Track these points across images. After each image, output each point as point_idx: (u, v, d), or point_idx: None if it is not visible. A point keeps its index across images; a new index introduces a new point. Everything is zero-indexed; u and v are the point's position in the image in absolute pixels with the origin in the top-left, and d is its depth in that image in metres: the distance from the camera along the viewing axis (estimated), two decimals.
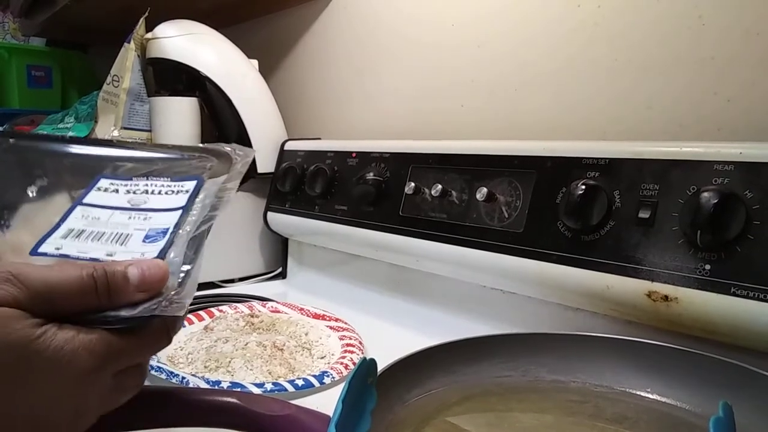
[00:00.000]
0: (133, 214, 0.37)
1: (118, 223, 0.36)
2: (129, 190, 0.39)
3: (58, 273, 0.28)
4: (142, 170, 0.41)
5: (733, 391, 0.36)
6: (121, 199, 0.38)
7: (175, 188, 0.39)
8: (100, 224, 0.35)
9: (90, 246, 0.33)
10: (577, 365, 0.44)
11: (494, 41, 0.73)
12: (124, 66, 0.89)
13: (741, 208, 0.42)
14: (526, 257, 0.54)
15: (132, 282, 0.30)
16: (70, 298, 0.28)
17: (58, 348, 0.27)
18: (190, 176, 0.40)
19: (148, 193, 0.39)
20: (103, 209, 0.37)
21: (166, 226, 0.35)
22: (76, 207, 0.37)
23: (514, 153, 0.58)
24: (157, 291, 0.30)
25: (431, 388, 0.42)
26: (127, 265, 0.30)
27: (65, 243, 0.33)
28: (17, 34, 1.68)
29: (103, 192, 0.38)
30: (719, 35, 0.53)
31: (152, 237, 0.35)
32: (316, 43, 1.02)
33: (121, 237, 0.34)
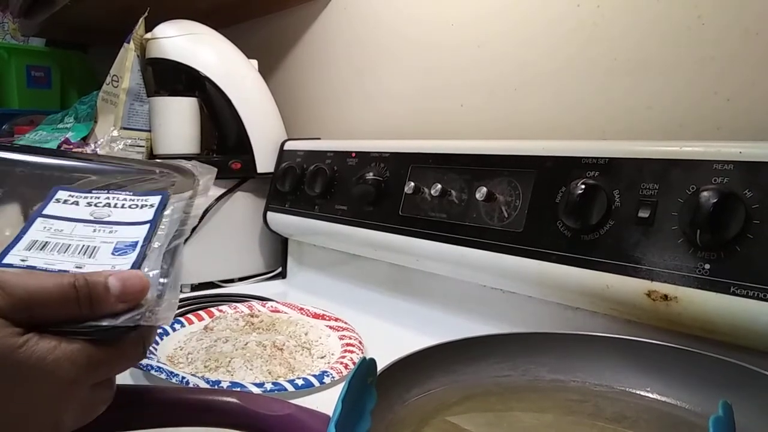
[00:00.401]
0: (97, 227, 0.36)
1: (83, 236, 0.35)
2: (90, 202, 0.38)
3: (38, 281, 0.28)
4: (100, 183, 0.40)
5: (733, 391, 0.36)
6: (83, 212, 0.37)
7: (138, 202, 0.39)
8: (63, 236, 0.34)
9: (57, 258, 0.33)
10: (576, 365, 0.44)
11: (494, 41, 0.73)
12: (124, 66, 0.88)
13: (740, 208, 0.42)
14: (525, 257, 0.54)
15: (113, 292, 0.29)
16: (51, 306, 0.28)
17: (41, 358, 0.26)
18: (154, 191, 0.40)
19: (111, 206, 0.38)
20: (65, 221, 0.36)
21: (134, 239, 0.35)
22: (36, 219, 0.36)
23: (514, 153, 0.58)
24: (137, 302, 0.30)
25: (431, 387, 0.42)
26: (107, 276, 0.30)
27: (30, 255, 0.32)
28: (17, 34, 1.68)
29: (62, 204, 0.37)
30: (719, 35, 0.53)
31: (121, 250, 0.34)
32: (316, 43, 1.02)
33: (88, 249, 0.34)
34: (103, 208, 0.38)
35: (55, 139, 1.00)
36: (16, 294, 0.27)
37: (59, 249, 0.33)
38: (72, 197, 0.38)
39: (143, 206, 0.38)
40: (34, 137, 1.06)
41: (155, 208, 0.38)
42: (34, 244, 0.33)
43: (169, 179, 0.42)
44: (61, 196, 0.38)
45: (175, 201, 0.39)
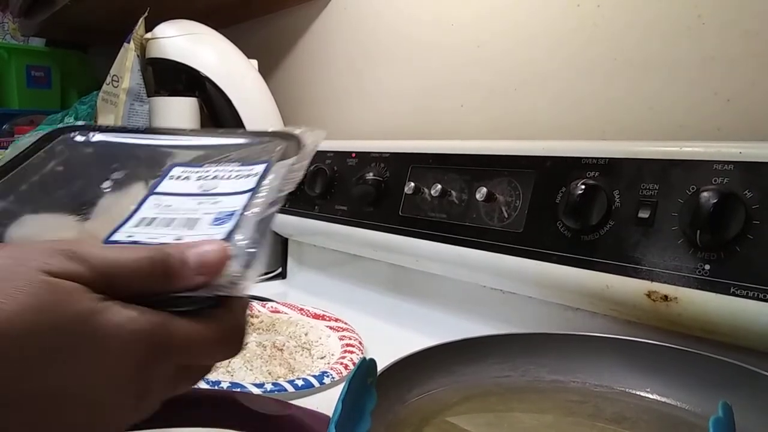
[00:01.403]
0: (203, 199, 0.37)
1: (189, 209, 0.36)
2: (200, 176, 0.39)
3: (116, 253, 0.28)
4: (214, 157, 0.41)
5: (733, 391, 0.36)
6: (192, 186, 0.38)
7: (244, 172, 0.39)
8: (170, 211, 0.35)
9: (160, 232, 0.33)
10: (576, 365, 0.44)
11: (494, 41, 0.73)
12: (124, 66, 0.88)
13: (740, 208, 0.41)
14: (525, 257, 0.54)
15: (190, 264, 0.28)
16: (129, 279, 0.27)
17: (120, 325, 0.25)
18: (259, 160, 0.40)
19: (218, 179, 0.39)
20: (174, 197, 0.37)
21: (233, 209, 0.35)
22: (150, 197, 0.37)
23: (514, 153, 0.58)
24: (216, 273, 0.28)
25: (431, 388, 0.42)
26: (186, 247, 0.29)
27: (137, 231, 0.33)
28: (17, 34, 1.68)
29: (175, 180, 0.39)
30: (719, 35, 0.53)
31: (220, 220, 0.34)
32: (316, 43, 1.02)
33: (190, 221, 0.34)
34: (211, 180, 0.38)
35: None
36: (97, 265, 0.26)
37: (164, 223, 0.34)
38: (185, 173, 0.39)
39: (248, 175, 0.38)
40: None
41: (258, 176, 0.38)
42: (143, 220, 0.34)
43: (276, 146, 0.42)
44: (175, 173, 0.39)
45: (278, 168, 0.39)
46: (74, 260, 0.26)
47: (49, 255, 0.25)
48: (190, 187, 0.38)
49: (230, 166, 0.40)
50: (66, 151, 0.42)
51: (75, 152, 0.42)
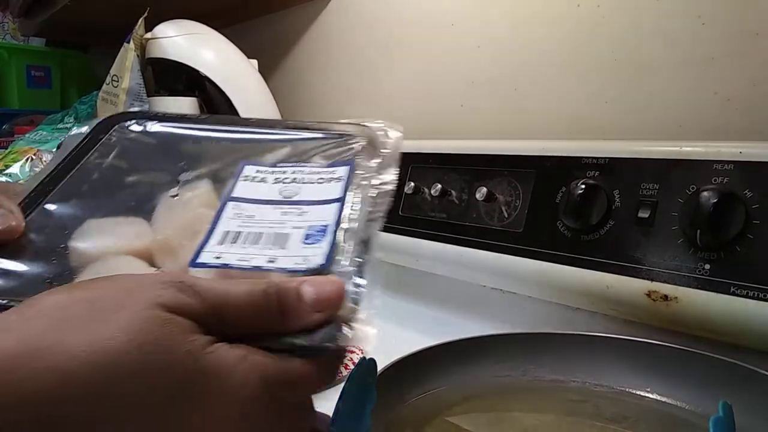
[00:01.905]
0: (286, 209, 0.34)
1: (274, 221, 0.33)
2: (278, 178, 0.36)
3: (231, 286, 0.26)
4: (285, 153, 0.38)
5: (733, 391, 0.36)
6: (272, 191, 0.35)
7: (325, 176, 0.36)
8: (254, 223, 0.33)
9: (249, 251, 0.30)
10: (576, 365, 0.44)
11: (494, 41, 0.73)
12: (124, 66, 0.88)
13: (741, 208, 0.41)
14: (525, 257, 0.54)
15: (306, 301, 0.26)
16: (242, 315, 0.26)
17: (229, 367, 0.24)
18: (339, 161, 0.37)
19: (298, 182, 0.36)
20: (254, 204, 0.34)
21: (324, 223, 0.32)
22: (227, 204, 0.34)
23: (514, 153, 0.58)
24: (334, 311, 0.27)
25: (431, 388, 0.42)
26: (300, 282, 0.27)
27: (223, 250, 0.31)
28: (17, 34, 1.68)
29: (250, 182, 0.36)
30: (719, 35, 0.53)
31: (312, 237, 0.31)
32: (316, 43, 1.02)
33: (279, 238, 0.32)
34: (290, 184, 0.35)
35: (55, 139, 1.00)
36: (209, 298, 0.25)
37: (251, 240, 0.31)
38: (259, 173, 0.36)
39: (330, 180, 0.36)
40: (34, 137, 1.06)
41: (342, 182, 0.35)
42: (227, 236, 0.32)
43: (354, 143, 0.39)
44: (249, 173, 0.36)
45: (363, 172, 0.36)
46: (186, 293, 0.25)
47: (161, 287, 0.24)
48: (270, 192, 0.35)
49: (308, 168, 0.36)
50: (124, 143, 0.39)
51: (135, 145, 0.39)
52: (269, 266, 0.29)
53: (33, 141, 1.04)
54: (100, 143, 0.39)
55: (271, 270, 0.29)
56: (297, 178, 0.36)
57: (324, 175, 0.36)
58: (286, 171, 0.36)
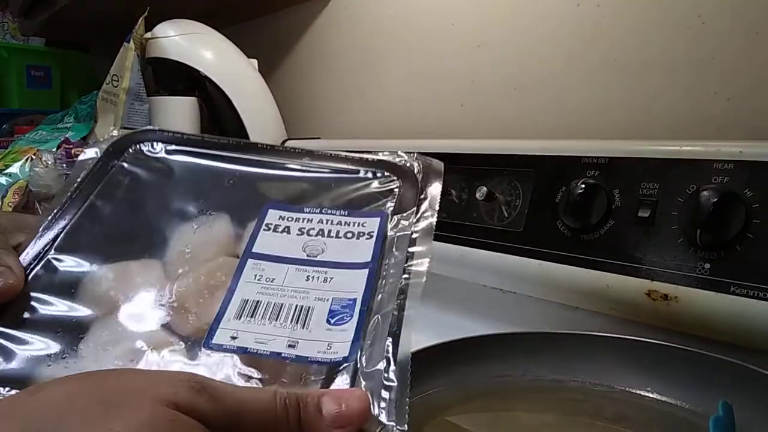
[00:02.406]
0: (311, 272, 0.31)
1: (296, 289, 0.30)
2: (302, 229, 0.33)
3: (250, 394, 0.25)
4: (311, 194, 0.35)
5: (733, 391, 0.36)
6: (295, 246, 0.32)
7: (354, 229, 0.33)
8: (275, 290, 0.30)
9: (268, 330, 0.28)
10: (576, 364, 0.43)
11: (494, 41, 0.73)
12: (124, 66, 0.88)
13: (741, 207, 0.41)
14: (525, 256, 0.54)
15: (327, 417, 0.25)
16: (258, 423, 0.24)
17: None
18: (370, 212, 0.34)
19: (324, 235, 0.33)
20: (276, 263, 0.32)
21: (351, 297, 0.30)
22: (247, 261, 0.32)
23: (514, 152, 0.58)
24: (355, 428, 0.25)
25: (431, 387, 0.42)
26: (321, 395, 0.26)
27: (240, 327, 0.29)
28: (17, 34, 1.68)
29: (272, 233, 0.33)
30: (719, 35, 0.53)
31: (338, 315, 0.29)
32: (316, 43, 1.02)
33: (301, 314, 0.29)
34: (316, 238, 0.33)
35: (55, 138, 1.00)
36: (227, 404, 0.24)
37: (270, 314, 0.29)
38: (283, 221, 0.34)
39: (360, 235, 0.33)
40: (34, 137, 1.06)
41: (373, 239, 0.32)
42: (245, 306, 0.30)
43: (389, 185, 0.36)
44: (272, 220, 0.34)
45: (397, 228, 0.32)
46: (203, 395, 0.24)
47: (178, 384, 0.23)
48: (293, 248, 0.32)
49: (336, 217, 0.34)
50: (137, 172, 0.37)
51: (149, 176, 0.37)
52: (289, 353, 0.28)
53: (33, 141, 1.04)
54: (111, 172, 0.36)
55: (290, 359, 0.28)
56: (323, 230, 0.33)
57: (353, 228, 0.33)
58: (312, 219, 0.34)
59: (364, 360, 0.27)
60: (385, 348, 0.28)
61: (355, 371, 0.27)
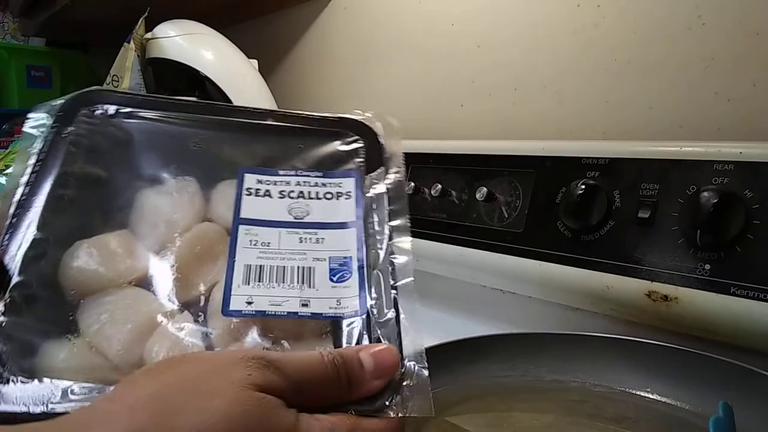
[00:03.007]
0: (302, 234, 0.32)
1: (293, 251, 0.31)
2: (283, 192, 0.34)
3: (306, 361, 0.27)
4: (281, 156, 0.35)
5: (733, 391, 0.36)
6: (280, 209, 0.33)
7: (332, 190, 0.34)
8: (273, 253, 0.31)
9: (279, 293, 0.30)
10: (576, 365, 0.44)
11: (494, 41, 0.73)
12: (124, 66, 0.88)
13: (741, 208, 0.41)
14: (525, 257, 0.54)
15: (367, 369, 0.28)
16: (317, 388, 0.27)
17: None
18: (342, 172, 0.35)
19: (306, 197, 0.34)
20: (267, 227, 0.32)
21: (346, 254, 0.31)
22: (239, 228, 0.32)
23: (514, 153, 0.58)
24: (391, 377, 0.28)
25: (431, 388, 0.41)
26: (358, 351, 0.28)
27: (251, 292, 0.30)
28: (17, 34, 1.68)
29: (254, 197, 0.34)
30: (719, 35, 0.53)
31: (338, 272, 0.31)
32: (316, 43, 1.02)
33: (305, 274, 0.30)
34: (298, 200, 0.34)
35: None
36: (290, 374, 0.26)
37: (276, 277, 0.30)
38: (261, 185, 0.34)
39: (338, 195, 0.34)
40: None
41: (353, 199, 0.34)
42: (249, 271, 0.30)
43: (352, 143, 0.36)
44: (251, 184, 0.34)
45: (372, 185, 0.34)
46: (270, 369, 0.25)
47: (247, 365, 0.25)
48: (279, 211, 0.33)
49: (312, 178, 0.35)
50: (95, 138, 0.35)
51: (107, 142, 0.35)
52: (305, 312, 0.29)
53: None
54: (67, 139, 0.34)
55: (308, 317, 0.29)
56: (303, 192, 0.34)
57: (330, 189, 0.34)
58: (290, 182, 0.35)
59: (375, 311, 0.30)
60: (391, 298, 0.30)
61: (369, 322, 0.30)
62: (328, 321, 0.30)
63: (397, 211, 0.34)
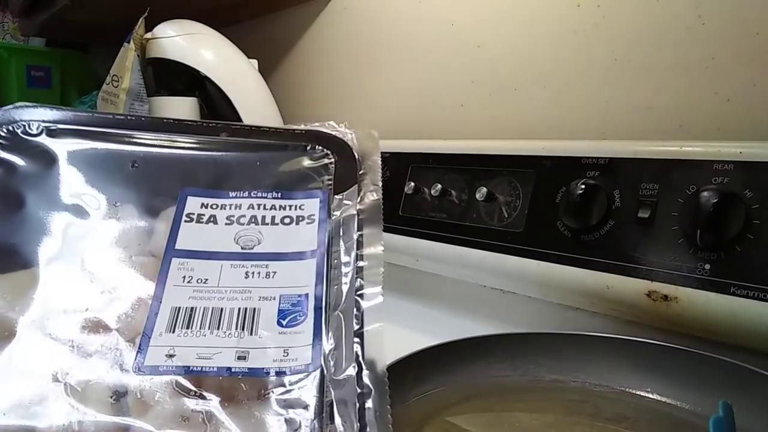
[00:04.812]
0: (249, 268, 0.26)
1: (235, 289, 0.26)
2: (230, 217, 0.28)
3: None
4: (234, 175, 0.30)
5: (733, 391, 0.36)
6: (225, 237, 0.27)
7: (292, 213, 0.29)
8: (211, 294, 0.25)
9: (210, 342, 0.24)
10: (576, 365, 0.44)
11: (494, 41, 0.73)
12: (124, 66, 0.88)
13: (741, 208, 0.41)
14: (525, 257, 0.54)
15: None
16: None
17: None
18: (307, 191, 0.30)
19: (259, 223, 0.28)
20: (207, 261, 0.26)
21: (301, 292, 0.25)
22: (171, 261, 0.26)
23: (514, 153, 0.58)
24: None
25: (431, 388, 0.42)
26: None
27: (176, 342, 0.24)
28: (17, 34, 1.68)
29: (195, 224, 0.28)
30: (719, 35, 0.53)
31: (289, 315, 0.25)
32: (316, 43, 1.02)
33: (246, 318, 0.25)
34: (249, 226, 0.28)
35: None
36: None
37: (210, 322, 0.24)
38: (206, 209, 0.28)
39: (299, 220, 0.28)
40: None
41: (315, 223, 0.28)
42: (177, 315, 0.25)
43: (322, 159, 0.31)
44: (193, 209, 0.28)
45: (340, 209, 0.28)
46: None
47: None
48: (224, 240, 0.27)
49: (268, 200, 0.29)
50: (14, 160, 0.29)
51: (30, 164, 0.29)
52: (240, 367, 0.23)
53: None
54: None
55: (243, 373, 0.23)
56: (256, 217, 0.28)
57: (290, 212, 0.29)
58: (241, 205, 0.29)
59: (332, 365, 0.24)
60: (353, 350, 0.24)
61: (322, 380, 0.23)
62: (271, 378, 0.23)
63: (370, 237, 0.28)
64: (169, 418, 0.22)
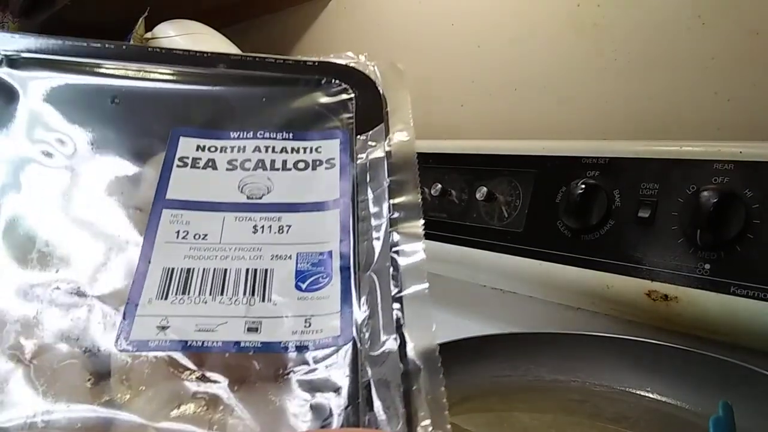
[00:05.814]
0: (258, 221, 0.22)
1: (243, 247, 0.21)
2: (233, 161, 0.23)
3: None
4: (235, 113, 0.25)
5: (733, 391, 0.36)
6: (228, 186, 0.23)
7: (307, 157, 0.24)
8: (211, 252, 0.21)
9: (213, 311, 0.19)
10: (576, 365, 0.43)
11: (494, 41, 0.73)
12: None
13: (741, 208, 0.41)
14: (526, 257, 0.54)
15: None
16: None
17: None
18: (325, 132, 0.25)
19: (267, 168, 0.23)
20: (206, 213, 0.22)
21: (323, 249, 0.21)
22: (162, 213, 0.22)
23: (514, 153, 0.58)
24: None
25: None
26: None
27: (170, 311, 0.19)
28: None
29: (190, 170, 0.23)
30: (719, 35, 0.53)
31: (310, 277, 0.20)
32: (316, 43, 1.02)
33: (257, 280, 0.20)
34: (255, 172, 0.23)
35: None
36: None
37: (212, 288, 0.20)
38: (203, 152, 0.24)
39: (316, 164, 0.24)
40: None
41: (337, 168, 0.23)
42: (171, 278, 0.20)
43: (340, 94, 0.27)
44: (187, 152, 0.24)
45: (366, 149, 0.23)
46: None
47: None
48: (226, 188, 0.23)
49: (278, 141, 0.24)
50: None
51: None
52: (251, 341, 0.19)
53: None
54: None
55: (255, 349, 0.19)
56: (264, 161, 0.24)
57: (304, 155, 0.24)
58: (245, 147, 0.24)
59: (367, 337, 0.19)
60: (393, 318, 0.19)
61: (356, 356, 0.19)
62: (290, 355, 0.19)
63: (403, 183, 0.24)
64: (162, 405, 0.18)
